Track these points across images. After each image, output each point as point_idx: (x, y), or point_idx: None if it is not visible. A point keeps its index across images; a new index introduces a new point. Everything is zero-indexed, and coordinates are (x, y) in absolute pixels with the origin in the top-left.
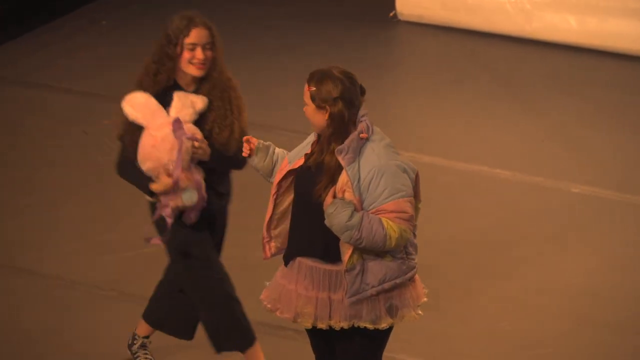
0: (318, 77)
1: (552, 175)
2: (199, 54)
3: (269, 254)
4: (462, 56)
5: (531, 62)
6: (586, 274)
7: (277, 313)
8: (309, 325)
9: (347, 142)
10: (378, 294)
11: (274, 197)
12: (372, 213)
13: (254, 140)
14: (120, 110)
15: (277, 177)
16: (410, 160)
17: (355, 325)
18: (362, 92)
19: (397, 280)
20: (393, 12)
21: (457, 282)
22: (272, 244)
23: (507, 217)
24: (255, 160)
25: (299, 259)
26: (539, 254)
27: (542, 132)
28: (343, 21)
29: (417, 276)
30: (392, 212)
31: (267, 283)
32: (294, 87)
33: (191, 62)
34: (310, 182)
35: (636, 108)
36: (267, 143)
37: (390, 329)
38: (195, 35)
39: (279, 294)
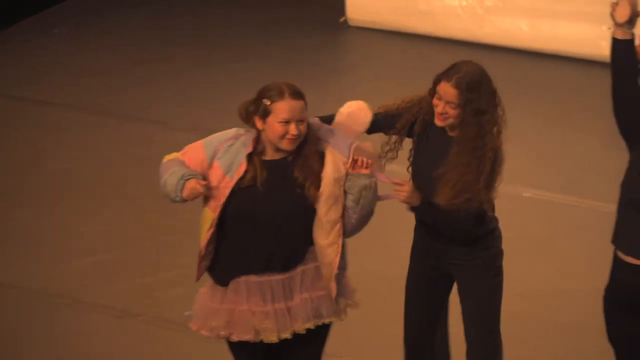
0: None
1: (503, 179)
2: (440, 106)
3: (200, 276)
4: (414, 61)
5: (483, 67)
6: (540, 278)
7: (234, 337)
8: (275, 339)
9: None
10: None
11: (219, 215)
12: None
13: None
14: None
15: (223, 195)
16: None
17: (320, 323)
18: None
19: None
20: (343, 17)
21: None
22: (204, 263)
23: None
24: None
25: (243, 277)
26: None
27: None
28: (295, 27)
29: None
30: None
31: (187, 314)
32: (246, 94)
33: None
34: (270, 197)
35: (587, 111)
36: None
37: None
38: (442, 88)
39: (227, 319)
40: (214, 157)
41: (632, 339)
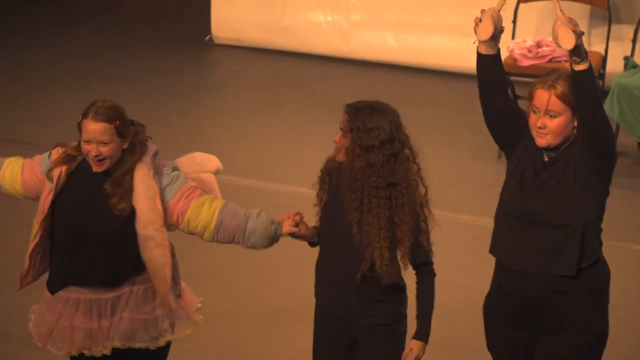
0: None
1: None
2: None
3: (23, 286)
4: (280, 78)
5: (350, 81)
6: None
7: (49, 347)
8: (98, 354)
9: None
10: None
11: (44, 223)
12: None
13: None
14: None
15: (47, 206)
16: (229, 184)
17: (130, 346)
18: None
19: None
20: (209, 36)
21: (276, 303)
22: (29, 274)
23: None
24: None
25: (74, 293)
26: None
27: None
28: (159, 46)
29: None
30: None
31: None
32: None
33: None
34: (86, 208)
35: (455, 124)
36: None
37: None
38: None
39: (50, 329)
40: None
41: (511, 347)
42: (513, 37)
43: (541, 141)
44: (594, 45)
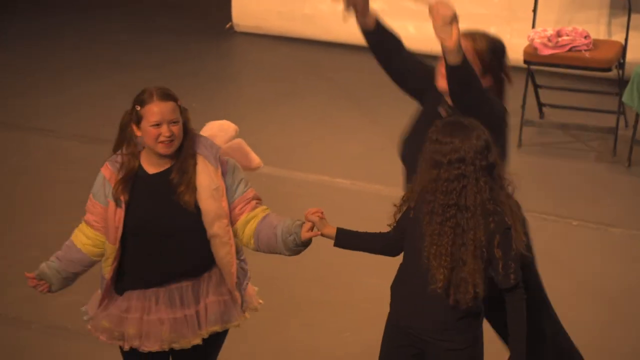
0: None
1: (390, 183)
2: None
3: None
4: (301, 66)
5: (370, 70)
6: None
7: (144, 348)
8: (188, 345)
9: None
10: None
11: (120, 240)
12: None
13: None
14: None
15: (119, 224)
16: (250, 172)
17: (226, 328)
18: None
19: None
20: (229, 23)
21: (298, 293)
22: (108, 295)
23: (347, 225)
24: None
25: (151, 289)
26: (378, 262)
27: (381, 140)
28: (180, 35)
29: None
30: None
31: (86, 318)
32: (129, 101)
33: None
34: (156, 211)
35: None
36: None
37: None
38: None
39: (137, 328)
40: (107, 198)
41: None
42: (533, 26)
43: (440, 84)
44: (614, 34)
